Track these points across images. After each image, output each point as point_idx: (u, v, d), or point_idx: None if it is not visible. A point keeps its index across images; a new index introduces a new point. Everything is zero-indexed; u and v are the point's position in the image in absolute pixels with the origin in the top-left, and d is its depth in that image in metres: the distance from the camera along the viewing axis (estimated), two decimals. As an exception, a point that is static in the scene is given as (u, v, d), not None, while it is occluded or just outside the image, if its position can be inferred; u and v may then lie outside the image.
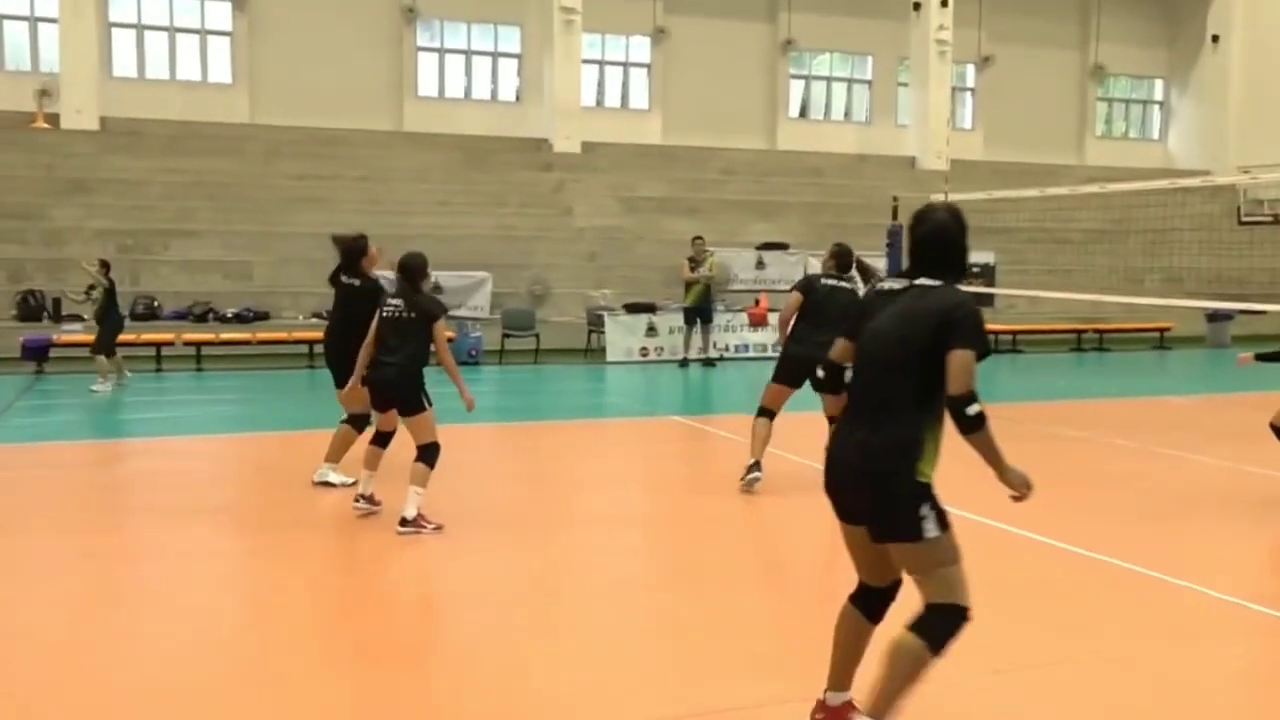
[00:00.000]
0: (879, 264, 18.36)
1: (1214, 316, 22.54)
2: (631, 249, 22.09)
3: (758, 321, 19.54)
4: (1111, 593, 6.12)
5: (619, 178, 24.11)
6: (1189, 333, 23.00)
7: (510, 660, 4.98)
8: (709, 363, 18.35)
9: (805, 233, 22.87)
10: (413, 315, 7.15)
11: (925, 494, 3.66)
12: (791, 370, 8.29)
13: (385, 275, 8.73)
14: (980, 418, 3.58)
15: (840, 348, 4.06)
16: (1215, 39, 31.19)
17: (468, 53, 26.45)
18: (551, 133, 24.66)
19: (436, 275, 19.51)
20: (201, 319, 18.40)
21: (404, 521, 6.94)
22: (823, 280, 8.55)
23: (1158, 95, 33.26)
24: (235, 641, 5.32)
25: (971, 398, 3.57)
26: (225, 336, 17.47)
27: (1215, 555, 6.91)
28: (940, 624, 3.68)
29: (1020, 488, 3.71)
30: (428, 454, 7.01)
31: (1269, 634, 5.58)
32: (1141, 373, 19.02)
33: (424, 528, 6.96)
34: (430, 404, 7.10)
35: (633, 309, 18.98)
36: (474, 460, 8.88)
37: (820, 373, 4.17)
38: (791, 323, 8.47)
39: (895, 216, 19.39)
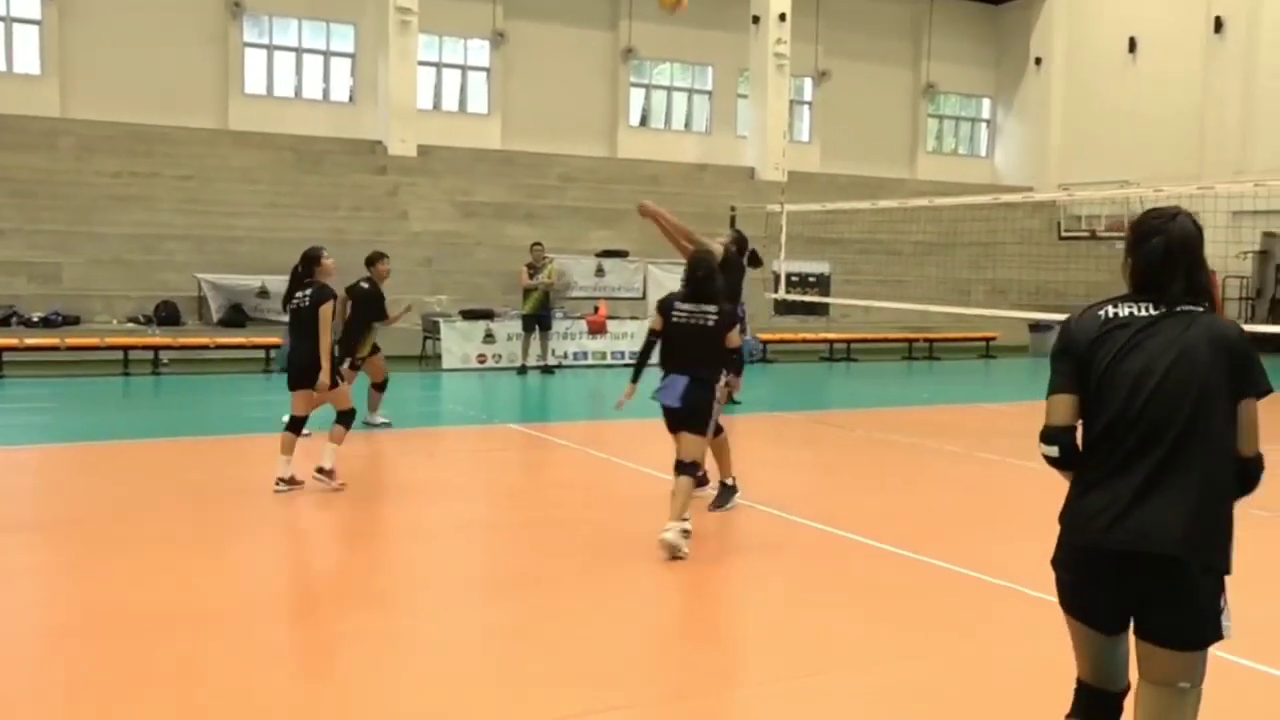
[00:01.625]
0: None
1: (1036, 326, 23.36)
2: (469, 255, 21.69)
3: (596, 329, 19.52)
4: (936, 592, 6.21)
5: (456, 182, 23.67)
6: (1013, 342, 23.80)
7: (338, 672, 4.84)
8: (547, 370, 18.14)
9: (645, 240, 22.71)
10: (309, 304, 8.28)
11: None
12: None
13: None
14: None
15: (1065, 408, 3.20)
16: (1038, 61, 32.53)
17: (298, 50, 25.61)
18: (386, 135, 24.04)
19: (264, 279, 18.93)
20: (4, 323, 17.25)
21: (320, 470, 8.30)
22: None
23: (985, 114, 34.51)
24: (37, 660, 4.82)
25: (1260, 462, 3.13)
26: (31, 342, 16.41)
27: (1033, 556, 6.91)
28: None
29: None
30: (345, 418, 8.47)
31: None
32: (968, 380, 19.54)
33: (334, 480, 8.30)
34: (343, 379, 8.75)
35: (470, 315, 18.62)
36: (304, 470, 8.42)
37: (1055, 453, 3.24)
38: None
39: (733, 225, 19.54)
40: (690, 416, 6.98)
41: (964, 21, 32.95)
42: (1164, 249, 3.14)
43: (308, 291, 8.27)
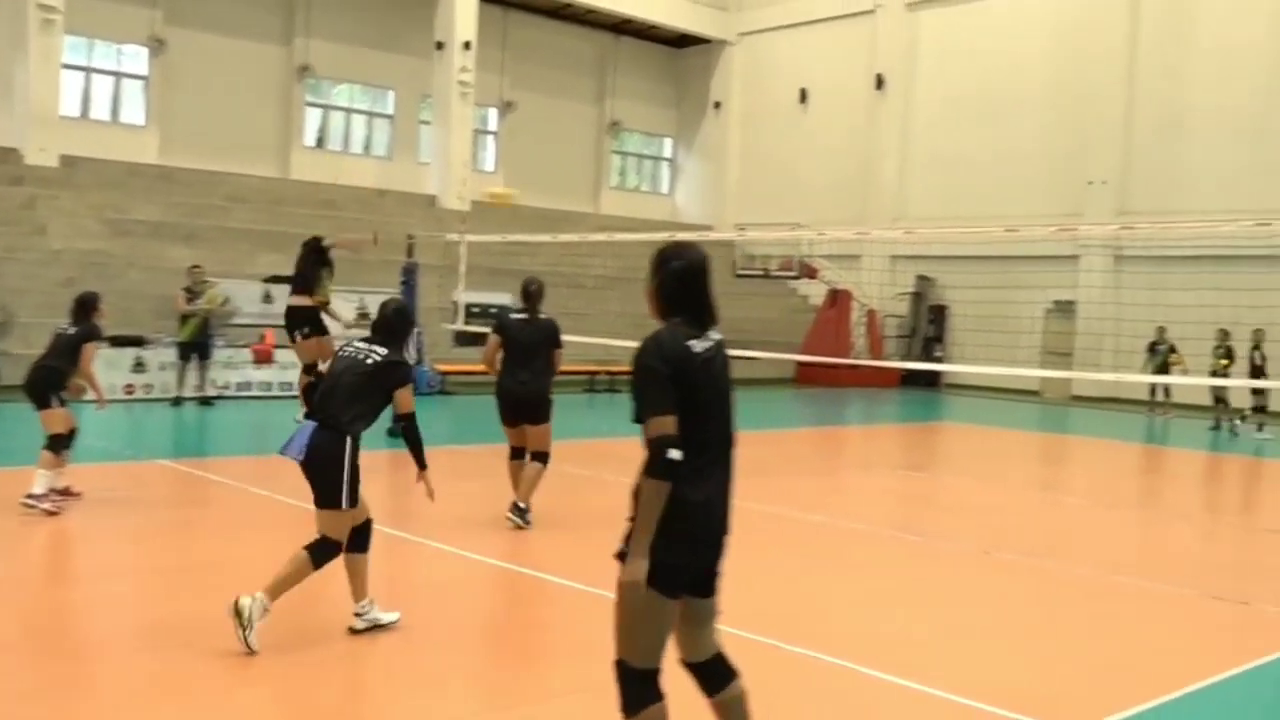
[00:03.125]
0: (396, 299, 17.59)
1: (714, 361, 23.79)
2: (119, 276, 19.66)
3: (262, 359, 18.19)
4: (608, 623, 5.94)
5: (105, 197, 21.54)
6: (693, 376, 24.11)
7: None
8: (206, 401, 16.73)
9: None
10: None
11: None
12: (505, 408, 8.69)
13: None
14: None
15: (674, 424, 3.62)
16: (717, 105, 33.66)
17: (-82, 43, 22.66)
18: (23, 142, 21.56)
19: None
20: None
21: (31, 496, 8.29)
22: (513, 316, 8.86)
23: (667, 152, 35.32)
24: None
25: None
26: None
27: None
28: None
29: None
30: (54, 442, 8.46)
31: (748, 655, 5.65)
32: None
33: (43, 505, 8.29)
34: (62, 403, 8.69)
35: (118, 342, 16.87)
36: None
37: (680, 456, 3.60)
38: (498, 360, 8.70)
39: (410, 254, 18.81)
40: (316, 476, 5.61)
41: (647, 62, 33.64)
42: (696, 272, 3.85)
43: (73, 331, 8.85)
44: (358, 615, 5.71)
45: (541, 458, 8.66)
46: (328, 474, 5.55)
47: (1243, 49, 24.13)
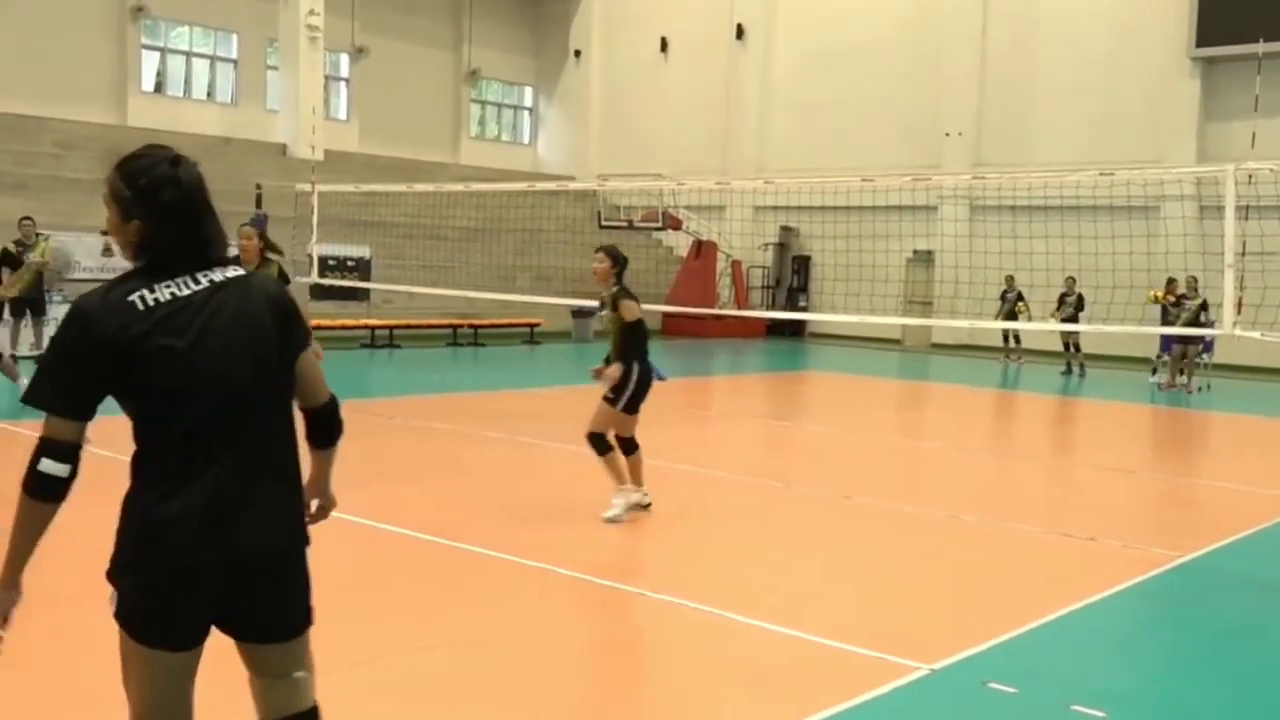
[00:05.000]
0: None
1: (578, 313, 23.59)
2: (-59, 230, 18.45)
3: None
4: (468, 578, 6.20)
5: (-76, 145, 20.16)
6: (557, 328, 23.91)
7: None
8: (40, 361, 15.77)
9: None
10: None
11: None
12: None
13: None
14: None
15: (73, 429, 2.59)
16: (578, 54, 33.16)
17: None
18: None
19: None
20: None
21: None
22: None
23: (528, 101, 34.72)
24: None
25: None
26: None
27: (569, 536, 7.08)
28: None
29: None
30: None
31: (615, 605, 5.92)
32: (511, 366, 19.25)
33: None
34: None
35: (-62, 299, 15.80)
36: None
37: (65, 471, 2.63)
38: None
39: (259, 205, 18.08)
40: None
41: (505, 9, 32.92)
42: (187, 199, 2.63)
43: None
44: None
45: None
46: None
47: (1090, 4, 24.80)
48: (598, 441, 7.41)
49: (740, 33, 29.96)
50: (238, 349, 2.57)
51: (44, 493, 2.50)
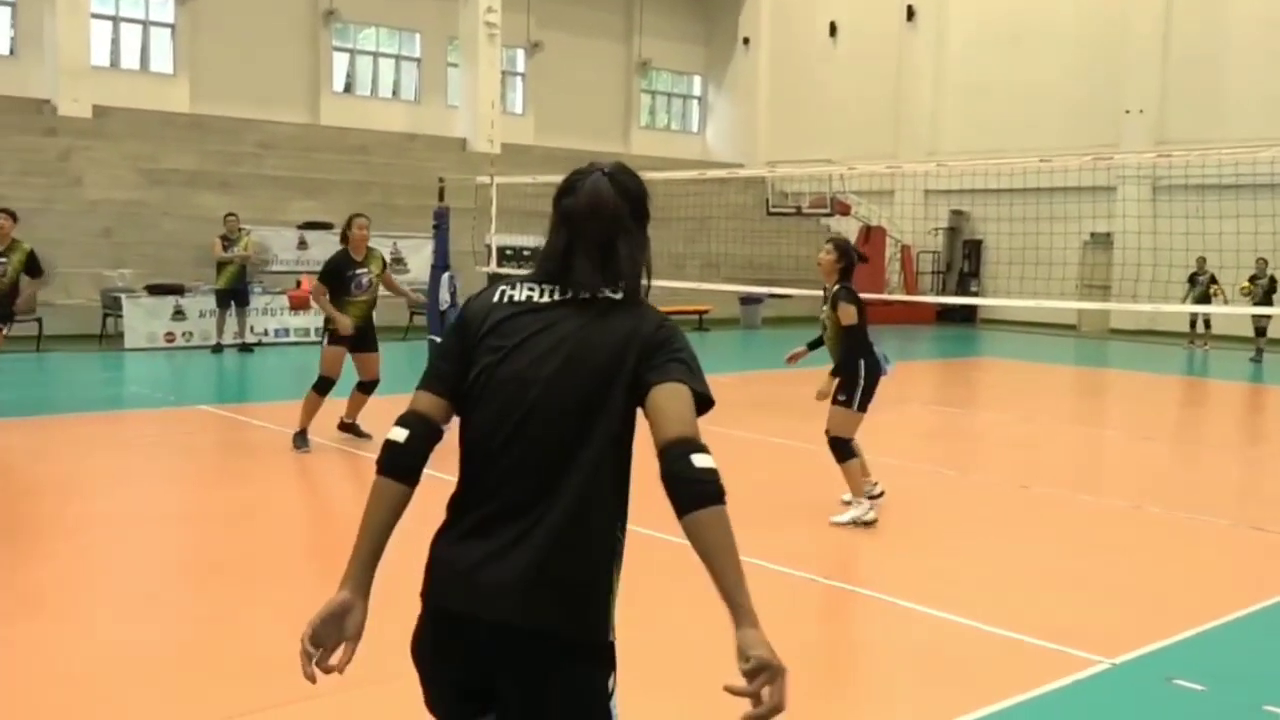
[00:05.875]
0: (427, 246, 17.68)
1: (747, 300, 23.77)
2: (155, 225, 19.86)
3: (299, 305, 18.24)
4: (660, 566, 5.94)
5: (139, 147, 21.63)
6: (726, 314, 24.13)
7: (14, 675, 4.45)
8: (246, 348, 16.95)
9: (350, 212, 21.58)
10: None
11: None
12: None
13: None
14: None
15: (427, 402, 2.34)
16: (746, 41, 33.24)
17: (-51, -4, 22.77)
18: (55, 93, 21.69)
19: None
20: None
21: None
22: None
23: (696, 91, 34.99)
24: None
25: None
26: None
27: (753, 525, 6.85)
28: None
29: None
30: None
31: (792, 591, 5.55)
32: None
33: None
34: None
35: (156, 290, 17.09)
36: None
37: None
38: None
39: (442, 198, 18.81)
40: None
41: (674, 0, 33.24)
42: (566, 214, 2.34)
43: None
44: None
45: None
46: None
47: (1285, -29, 23.62)
48: (841, 447, 7.24)
49: (911, 14, 29.57)
50: None
51: (382, 462, 2.28)
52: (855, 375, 7.22)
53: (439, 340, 12.49)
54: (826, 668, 5.10)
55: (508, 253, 20.76)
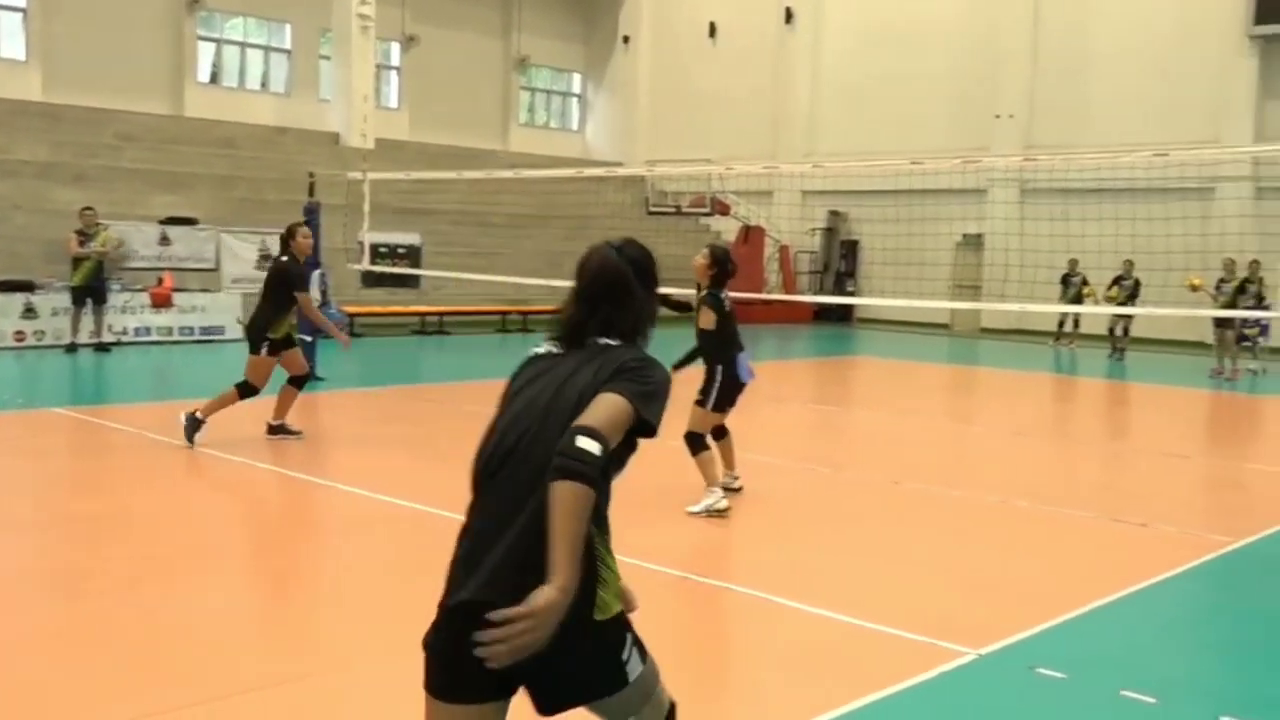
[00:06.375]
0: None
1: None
2: (5, 220, 18.86)
3: (161, 302, 17.62)
4: None
5: (-11, 138, 20.60)
6: (605, 314, 23.96)
7: None
8: (102, 347, 16.25)
9: (216, 207, 20.95)
10: None
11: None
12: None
13: None
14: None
15: None
16: (626, 40, 33.20)
17: None
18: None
19: None
20: None
21: None
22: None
23: (576, 88, 34.80)
24: None
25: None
26: None
27: (619, 521, 6.79)
28: None
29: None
30: None
31: (659, 588, 5.58)
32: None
33: None
34: None
35: (5, 287, 16.30)
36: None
37: None
38: None
39: (312, 193, 18.29)
40: None
41: (553, -4, 33.03)
42: (580, 286, 2.85)
43: None
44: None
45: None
46: None
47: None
48: (695, 440, 7.57)
49: (789, 16, 29.86)
50: None
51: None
52: (712, 378, 7.67)
53: (308, 340, 12.07)
54: (698, 666, 5.03)
55: (381, 250, 20.33)
